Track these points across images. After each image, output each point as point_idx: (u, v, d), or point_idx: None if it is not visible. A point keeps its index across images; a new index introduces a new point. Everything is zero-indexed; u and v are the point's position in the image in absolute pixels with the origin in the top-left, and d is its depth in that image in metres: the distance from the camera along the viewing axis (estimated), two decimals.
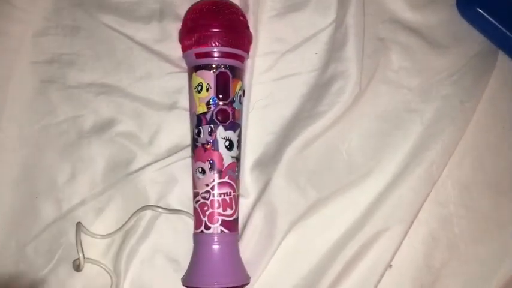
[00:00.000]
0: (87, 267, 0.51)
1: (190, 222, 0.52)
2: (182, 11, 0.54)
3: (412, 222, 0.51)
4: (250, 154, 0.54)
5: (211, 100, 0.50)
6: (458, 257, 0.53)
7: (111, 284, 0.51)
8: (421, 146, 0.53)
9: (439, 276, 0.53)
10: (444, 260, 0.53)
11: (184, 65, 0.54)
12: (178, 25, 0.54)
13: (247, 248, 0.52)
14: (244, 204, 0.53)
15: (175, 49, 0.55)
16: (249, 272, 0.50)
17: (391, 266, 0.52)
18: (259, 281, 0.51)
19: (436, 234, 0.53)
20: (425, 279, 0.53)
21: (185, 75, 0.54)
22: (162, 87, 0.55)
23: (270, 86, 0.55)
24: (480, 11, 0.55)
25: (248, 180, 0.53)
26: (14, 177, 0.53)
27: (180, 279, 0.50)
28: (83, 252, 0.50)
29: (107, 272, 0.52)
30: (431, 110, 0.54)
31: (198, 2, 0.53)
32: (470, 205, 0.54)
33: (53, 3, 0.56)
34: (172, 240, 0.53)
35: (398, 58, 0.56)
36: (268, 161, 0.53)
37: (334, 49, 0.54)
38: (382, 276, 0.51)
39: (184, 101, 0.54)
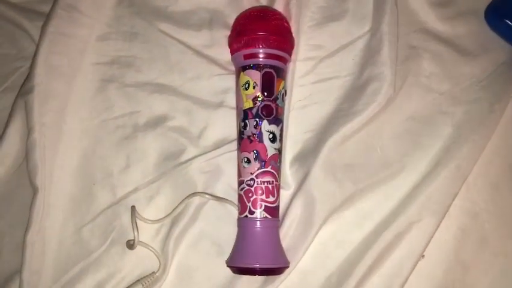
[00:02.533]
0: (136, 250, 0.55)
1: (233, 210, 0.56)
2: (230, 20, 0.60)
3: (443, 215, 0.54)
4: (290, 150, 0.58)
5: (257, 97, 0.54)
6: (487, 252, 0.55)
7: (159, 266, 0.55)
8: (452, 145, 0.56)
9: (469, 269, 0.55)
10: (474, 254, 0.55)
11: (230, 67, 0.60)
12: (226, 32, 0.59)
13: (286, 235, 0.55)
14: (285, 196, 0.56)
15: (222, 54, 0.60)
16: (288, 258, 0.53)
17: (423, 256, 0.54)
18: (297, 267, 0.54)
19: (466, 229, 0.56)
20: (456, 271, 0.55)
21: (231, 77, 0.59)
22: (210, 87, 0.60)
23: (309, 88, 0.59)
24: (508, 22, 0.58)
25: (288, 173, 0.57)
26: (74, 166, 0.59)
27: (224, 262, 0.54)
28: (138, 231, 0.54)
29: (155, 254, 0.56)
30: (461, 113, 0.57)
31: (246, 9, 0.58)
32: (499, 202, 0.56)
33: (114, 11, 0.62)
34: (216, 227, 0.56)
35: (429, 65, 0.59)
36: (308, 155, 0.57)
37: (370, 54, 0.58)
38: (414, 265, 0.53)
39: (231, 100, 0.59)
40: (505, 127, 0.57)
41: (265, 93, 0.54)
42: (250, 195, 0.53)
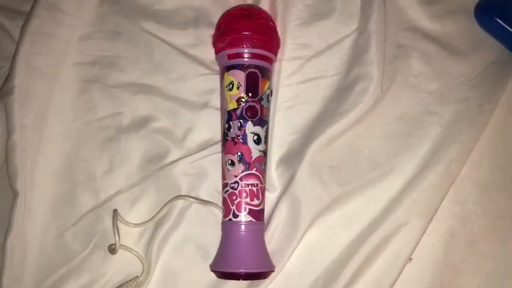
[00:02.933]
0: (119, 254, 0.54)
1: (218, 213, 0.55)
2: (215, 18, 0.58)
3: (431, 217, 0.53)
4: (275, 152, 0.56)
5: (241, 97, 0.53)
6: (476, 255, 0.54)
7: (143, 270, 0.54)
8: (440, 146, 0.55)
9: (458, 272, 0.54)
10: (463, 257, 0.54)
11: (216, 67, 0.58)
12: (212, 31, 0.57)
13: (272, 239, 0.54)
14: (271, 198, 0.55)
15: (208, 53, 0.59)
16: (274, 262, 0.52)
17: (411, 259, 0.53)
18: (282, 271, 0.53)
19: (455, 232, 0.55)
20: (445, 275, 0.54)
21: (217, 77, 0.58)
22: (195, 87, 0.59)
23: (295, 88, 0.58)
24: (498, 20, 0.57)
25: (274, 175, 0.56)
26: (56, 168, 0.58)
27: (208, 266, 0.53)
28: (119, 235, 0.53)
29: (138, 258, 0.55)
30: (449, 113, 0.56)
31: (231, 8, 0.57)
32: (488, 204, 0.55)
33: (97, 10, 0.61)
34: (201, 230, 0.55)
35: (418, 64, 0.58)
36: (293, 157, 0.56)
37: (358, 54, 0.57)
38: (402, 269, 0.52)
39: (216, 101, 0.58)
40: (494, 128, 0.56)
41: (250, 94, 0.53)
42: (234, 198, 0.52)
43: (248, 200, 0.52)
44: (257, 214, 0.52)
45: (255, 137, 0.53)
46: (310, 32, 0.59)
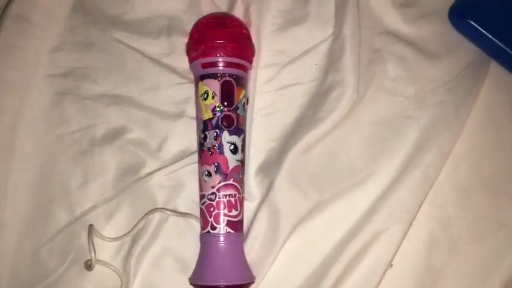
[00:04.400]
0: (97, 269, 0.53)
1: (196, 225, 0.54)
2: (188, 26, 0.57)
3: (411, 222, 0.53)
4: (254, 160, 0.56)
5: (216, 107, 0.52)
6: (457, 257, 0.54)
7: (121, 285, 0.53)
8: (418, 150, 0.54)
9: (439, 276, 0.54)
10: (444, 261, 0.54)
11: (190, 76, 0.57)
12: (185, 40, 0.57)
13: (251, 249, 0.53)
14: (250, 208, 0.55)
15: (182, 62, 0.58)
16: (254, 272, 0.52)
17: (391, 265, 0.53)
18: (263, 282, 0.53)
19: (435, 236, 0.55)
20: (426, 279, 0.54)
21: (192, 86, 0.57)
22: (170, 97, 0.58)
23: (272, 95, 0.58)
24: (472, 22, 0.57)
25: (253, 184, 0.55)
26: (29, 183, 0.56)
27: (188, 279, 0.52)
28: (94, 251, 0.52)
29: (116, 273, 0.54)
30: (426, 117, 0.56)
31: (204, 16, 0.56)
32: (468, 207, 0.55)
33: (67, 21, 0.59)
34: (179, 243, 0.55)
35: (393, 68, 0.58)
36: (272, 165, 0.55)
37: (333, 60, 0.57)
38: (383, 275, 0.52)
39: (191, 110, 0.57)
40: (471, 130, 0.56)
41: (225, 103, 0.52)
42: (212, 209, 0.51)
43: (226, 211, 0.51)
44: (236, 225, 0.51)
45: (232, 147, 0.52)
46: (285, 38, 0.59)
